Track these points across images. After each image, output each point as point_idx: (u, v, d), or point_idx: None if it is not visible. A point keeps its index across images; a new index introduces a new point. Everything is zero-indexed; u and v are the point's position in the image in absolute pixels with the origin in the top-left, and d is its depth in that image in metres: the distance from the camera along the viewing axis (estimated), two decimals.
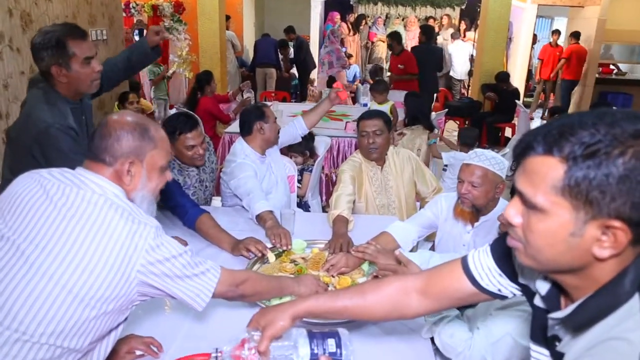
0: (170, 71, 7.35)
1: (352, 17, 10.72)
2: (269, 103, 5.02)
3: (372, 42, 10.53)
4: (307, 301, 1.23)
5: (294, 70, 9.01)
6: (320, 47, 9.48)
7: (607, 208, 0.71)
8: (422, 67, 6.52)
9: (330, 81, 7.40)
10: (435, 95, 7.57)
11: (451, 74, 9.37)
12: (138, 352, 1.44)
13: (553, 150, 0.75)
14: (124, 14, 6.03)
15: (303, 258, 2.05)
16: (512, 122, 6.97)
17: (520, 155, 0.81)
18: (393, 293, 1.19)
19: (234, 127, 4.70)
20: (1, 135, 3.08)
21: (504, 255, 1.06)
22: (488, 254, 1.10)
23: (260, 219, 2.31)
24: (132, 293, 1.16)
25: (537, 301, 0.94)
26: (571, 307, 0.81)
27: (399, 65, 6.62)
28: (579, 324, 0.80)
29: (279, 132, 2.79)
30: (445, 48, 9.24)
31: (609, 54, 10.07)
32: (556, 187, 0.75)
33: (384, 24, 10.86)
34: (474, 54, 8.55)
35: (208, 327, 1.62)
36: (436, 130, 4.46)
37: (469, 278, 1.10)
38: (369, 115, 2.73)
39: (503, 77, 6.89)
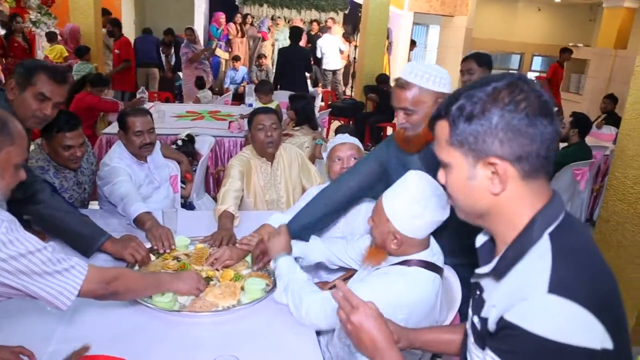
0: None
1: (239, 19, 10.65)
2: (150, 104, 4.85)
3: (264, 40, 10.49)
4: (424, 334, 1.31)
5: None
6: (204, 47, 9.27)
7: (483, 149, 0.88)
8: (289, 67, 6.66)
9: (198, 81, 7.25)
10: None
11: (323, 66, 9.66)
12: None
13: (441, 114, 0.94)
14: None
15: (186, 254, 2.01)
16: (393, 121, 7.35)
17: (430, 125, 0.99)
18: None
19: (113, 128, 4.46)
20: None
21: None
22: None
23: (138, 222, 2.21)
24: None
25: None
26: (494, 261, 0.94)
27: (116, 51, 7.01)
28: (499, 272, 0.93)
29: (146, 145, 2.60)
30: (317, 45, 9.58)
31: None
32: (448, 142, 0.92)
33: (270, 28, 10.89)
34: (342, 48, 9.12)
35: (83, 327, 1.54)
36: (319, 129, 4.58)
37: None
38: (265, 110, 2.72)
39: (383, 79, 7.26)
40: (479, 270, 0.99)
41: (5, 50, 6.54)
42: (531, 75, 11.20)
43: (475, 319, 0.97)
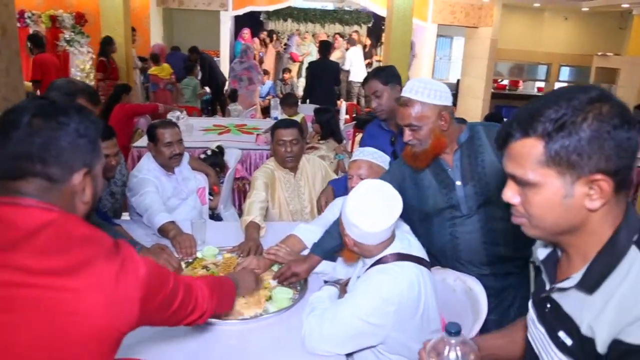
0: None
1: (264, 34, 10.80)
2: (174, 115, 4.93)
3: (294, 61, 10.57)
4: (485, 341, 1.27)
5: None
6: (230, 62, 9.42)
7: (587, 166, 0.84)
8: (319, 80, 6.70)
9: (232, 94, 7.30)
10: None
11: (350, 78, 9.70)
12: None
13: (529, 132, 0.87)
14: (18, 24, 5.67)
15: (215, 264, 2.05)
16: None
17: (502, 144, 0.93)
18: None
19: (143, 141, 4.56)
20: None
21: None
22: None
23: (162, 231, 2.27)
24: None
25: (543, 271, 1.05)
26: (579, 274, 0.91)
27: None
28: (590, 285, 0.89)
29: (176, 156, 2.67)
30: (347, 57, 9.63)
31: (500, 71, 10.94)
32: (540, 161, 0.87)
33: (298, 45, 10.97)
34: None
35: None
36: (344, 142, 4.60)
37: None
38: (285, 124, 2.75)
39: None
40: (562, 285, 0.94)
41: (107, 72, 6.75)
42: (558, 86, 11.05)
43: (562, 334, 0.95)
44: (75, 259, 0.90)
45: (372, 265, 1.60)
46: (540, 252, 1.04)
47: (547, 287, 1.00)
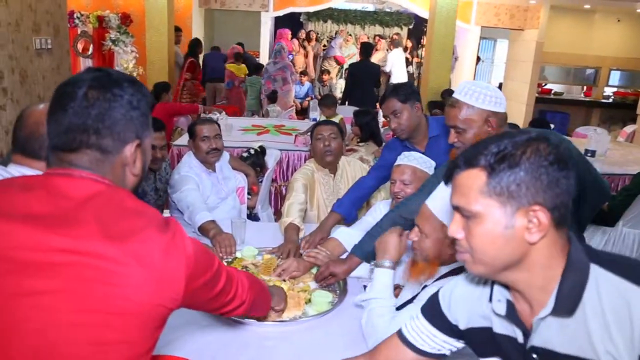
0: None
1: (303, 35, 10.82)
2: (217, 115, 4.99)
3: (339, 64, 10.53)
4: None
5: None
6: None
7: (526, 197, 0.88)
8: (359, 82, 6.63)
9: (271, 95, 7.33)
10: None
11: (391, 81, 9.58)
12: None
13: (472, 163, 0.92)
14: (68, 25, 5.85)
15: (254, 264, 2.05)
16: None
17: (449, 177, 0.98)
18: None
19: (182, 140, 4.63)
20: None
21: (435, 313, 1.16)
22: (419, 317, 1.19)
23: (202, 230, 2.29)
24: None
25: (498, 328, 1.03)
26: (551, 301, 0.91)
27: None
28: (568, 307, 0.91)
29: (213, 151, 2.69)
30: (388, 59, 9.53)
31: (545, 75, 10.63)
32: (483, 191, 0.90)
33: (341, 46, 10.92)
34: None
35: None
36: (384, 145, 4.54)
37: (406, 344, 1.18)
38: (325, 122, 2.82)
39: (449, 94, 7.12)
40: (540, 316, 0.93)
41: (196, 72, 7.06)
42: (608, 91, 10.62)
43: None
44: (124, 228, 0.89)
45: (441, 277, 1.51)
46: (498, 308, 1.01)
47: (521, 339, 0.99)
